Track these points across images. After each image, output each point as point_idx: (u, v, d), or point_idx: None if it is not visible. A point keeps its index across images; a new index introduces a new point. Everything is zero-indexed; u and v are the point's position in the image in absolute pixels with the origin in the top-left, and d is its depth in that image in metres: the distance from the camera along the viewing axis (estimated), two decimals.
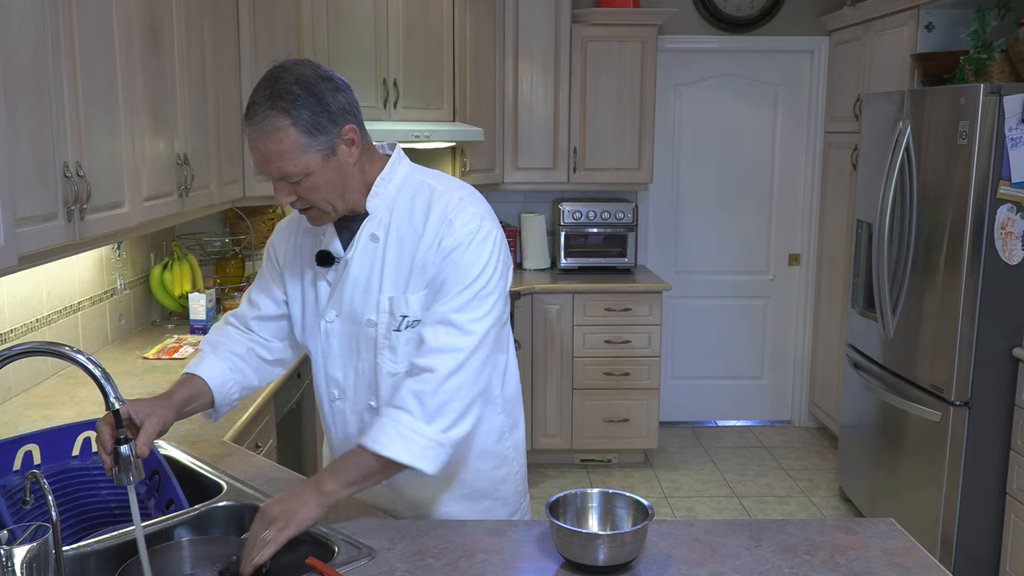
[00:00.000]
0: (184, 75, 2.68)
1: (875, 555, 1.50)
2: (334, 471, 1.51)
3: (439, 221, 1.56)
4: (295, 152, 1.46)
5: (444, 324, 1.52)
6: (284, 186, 1.51)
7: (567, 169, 4.64)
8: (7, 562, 1.15)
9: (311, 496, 1.47)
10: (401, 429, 1.48)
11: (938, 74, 3.62)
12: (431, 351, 1.52)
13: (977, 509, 3.23)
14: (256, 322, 1.77)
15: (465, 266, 1.53)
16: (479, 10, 4.29)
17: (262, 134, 1.46)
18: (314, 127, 1.47)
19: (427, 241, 1.56)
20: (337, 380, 1.69)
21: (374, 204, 1.60)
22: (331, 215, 1.57)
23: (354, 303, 1.63)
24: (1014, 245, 3.08)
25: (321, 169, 1.50)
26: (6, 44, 1.67)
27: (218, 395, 1.67)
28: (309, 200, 1.53)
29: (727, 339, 5.25)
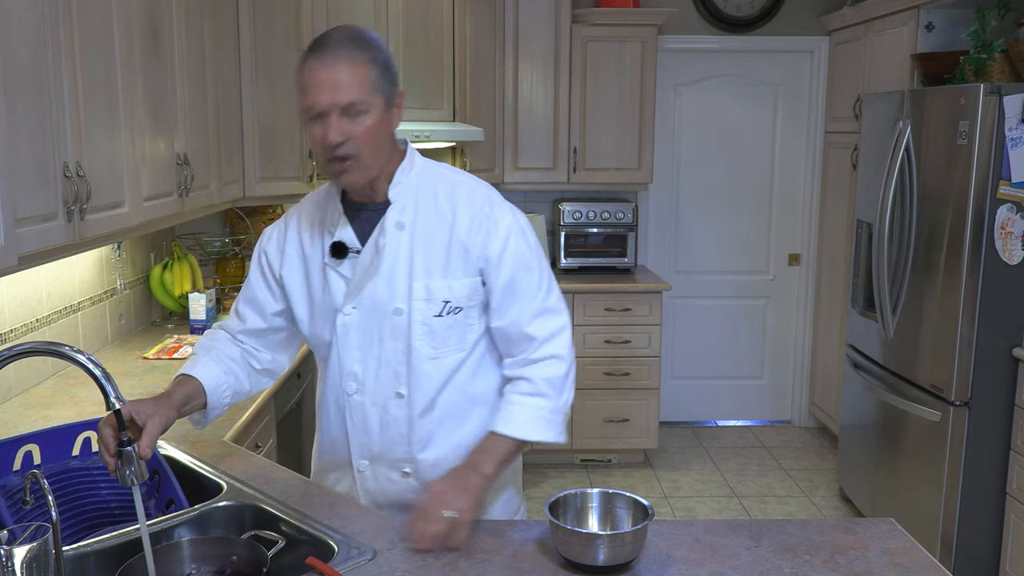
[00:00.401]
0: (184, 75, 2.68)
1: (875, 555, 1.50)
2: (488, 452, 1.61)
3: (472, 215, 1.62)
4: (367, 85, 1.50)
5: (542, 314, 1.66)
6: (339, 123, 1.49)
7: (567, 169, 4.64)
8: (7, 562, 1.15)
9: (477, 479, 1.58)
10: (544, 413, 1.63)
11: (938, 74, 3.62)
12: (546, 339, 1.65)
13: (977, 509, 3.23)
14: (242, 335, 1.76)
15: (526, 258, 1.65)
16: (479, 10, 4.29)
17: (337, 59, 1.48)
18: (386, 72, 1.54)
19: (462, 230, 1.61)
20: (355, 373, 1.68)
21: (396, 192, 1.63)
22: (363, 174, 1.56)
23: (377, 292, 1.63)
24: (1014, 245, 3.08)
25: (380, 116, 1.53)
26: (6, 44, 1.67)
27: (211, 397, 1.65)
28: (358, 143, 1.51)
29: (727, 339, 5.25)
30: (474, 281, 1.64)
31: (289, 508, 1.65)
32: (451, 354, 1.65)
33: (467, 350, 1.67)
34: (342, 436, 1.74)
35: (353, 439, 1.72)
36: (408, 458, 1.69)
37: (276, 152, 3.44)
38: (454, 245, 1.62)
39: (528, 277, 1.64)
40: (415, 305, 1.62)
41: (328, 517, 1.62)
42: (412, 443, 1.68)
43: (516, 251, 1.63)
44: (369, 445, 1.70)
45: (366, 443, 1.70)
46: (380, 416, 1.68)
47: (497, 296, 1.65)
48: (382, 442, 1.69)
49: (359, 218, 1.65)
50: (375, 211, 1.64)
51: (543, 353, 1.64)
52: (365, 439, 1.70)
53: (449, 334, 1.64)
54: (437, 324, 1.62)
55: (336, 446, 1.76)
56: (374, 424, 1.69)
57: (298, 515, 1.62)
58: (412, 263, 1.62)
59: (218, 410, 1.68)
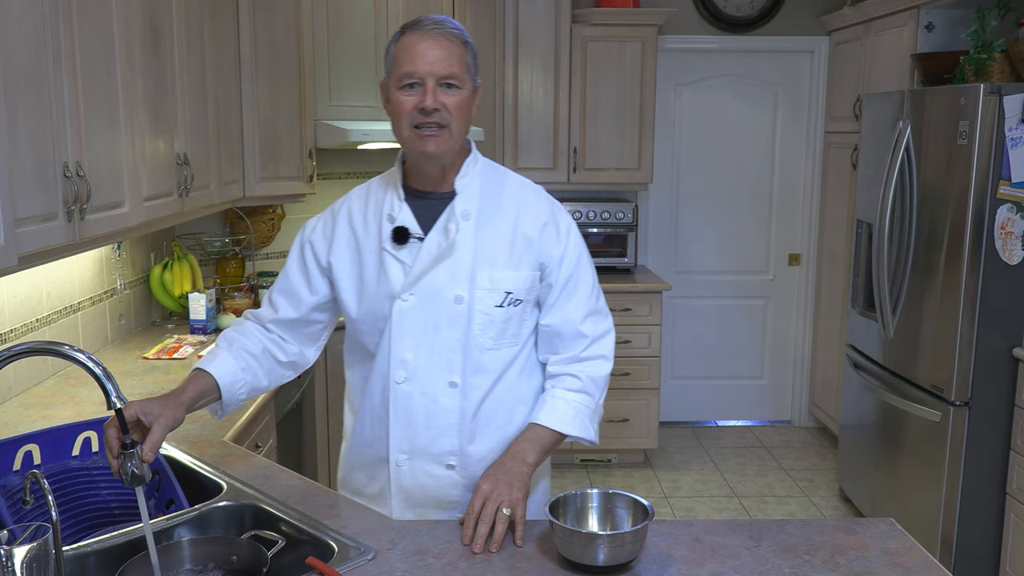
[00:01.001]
0: (184, 75, 2.68)
1: (875, 555, 1.51)
2: (532, 442, 1.65)
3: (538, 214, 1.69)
4: (463, 63, 1.60)
5: (594, 314, 1.73)
6: (439, 91, 1.57)
7: (567, 169, 4.64)
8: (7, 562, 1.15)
9: (523, 469, 1.60)
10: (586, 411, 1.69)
11: (938, 74, 3.62)
12: (596, 339, 1.72)
13: (977, 509, 3.23)
14: (273, 325, 1.77)
15: (584, 259, 1.73)
16: (479, 10, 4.29)
17: (443, 35, 1.58)
18: (475, 61, 1.64)
19: (527, 225, 1.67)
20: (406, 361, 1.66)
21: (463, 184, 1.68)
22: (451, 144, 1.62)
23: (438, 280, 1.63)
24: (1014, 245, 3.08)
25: (469, 94, 1.62)
26: (6, 44, 1.67)
27: (226, 394, 1.66)
28: (451, 114, 1.58)
29: (727, 339, 5.25)
30: (534, 275, 1.68)
31: (289, 508, 1.65)
32: (506, 347, 1.68)
33: (520, 345, 1.70)
34: (382, 429, 1.71)
35: (394, 431, 1.69)
36: (455, 450, 1.68)
37: (276, 152, 3.44)
38: (518, 239, 1.67)
39: (585, 277, 1.72)
40: (477, 294, 1.63)
41: (328, 517, 1.62)
42: (462, 434, 1.67)
43: (576, 251, 1.71)
44: (411, 438, 1.68)
45: (408, 436, 1.68)
46: (428, 407, 1.67)
47: (555, 293, 1.69)
48: (427, 434, 1.67)
49: (420, 206, 1.67)
50: (438, 200, 1.67)
51: (592, 352, 1.71)
52: (408, 431, 1.68)
53: (507, 326, 1.66)
54: (497, 314, 1.65)
55: (374, 441, 1.73)
56: (420, 415, 1.67)
57: (298, 515, 1.62)
58: (476, 252, 1.64)
59: (233, 405, 1.70)
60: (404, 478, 1.70)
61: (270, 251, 4.12)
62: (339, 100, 3.73)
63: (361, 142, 3.64)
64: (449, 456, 1.68)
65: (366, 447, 1.75)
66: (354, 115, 3.76)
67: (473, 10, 4.22)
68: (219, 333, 3.20)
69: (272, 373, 1.77)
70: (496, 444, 1.70)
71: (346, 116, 3.73)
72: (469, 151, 1.71)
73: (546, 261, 1.68)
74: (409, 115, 1.57)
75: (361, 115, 3.79)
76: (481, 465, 1.68)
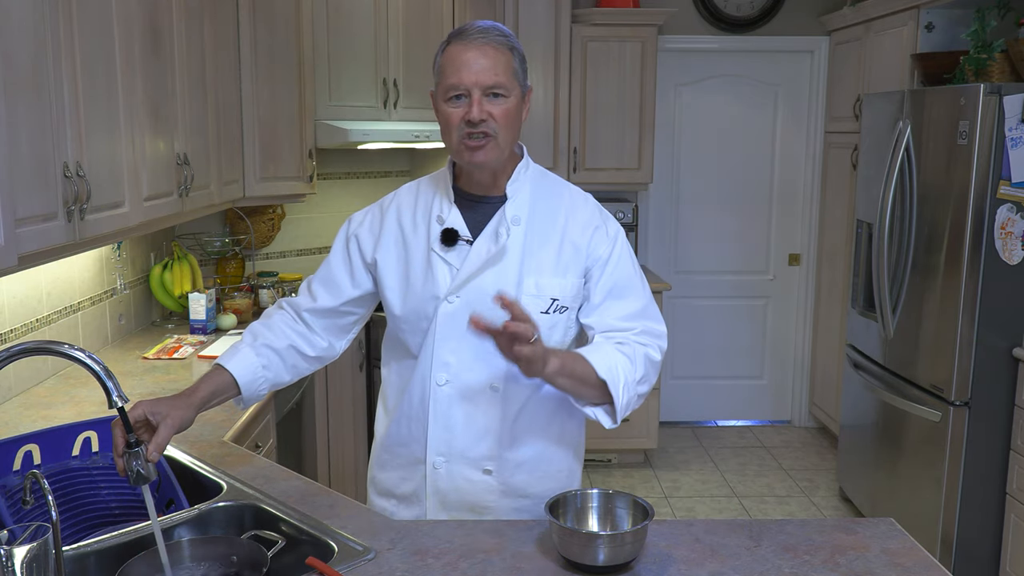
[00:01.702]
0: (184, 75, 2.68)
1: (875, 555, 1.51)
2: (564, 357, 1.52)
3: (587, 219, 1.68)
4: (509, 70, 1.59)
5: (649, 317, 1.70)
6: (486, 100, 1.57)
7: (567, 169, 4.64)
8: (7, 562, 1.15)
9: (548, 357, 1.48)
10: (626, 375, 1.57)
11: (938, 74, 3.62)
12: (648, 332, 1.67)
13: (977, 509, 3.23)
14: (309, 314, 1.75)
15: (633, 263, 1.73)
16: (479, 10, 4.29)
17: (489, 43, 1.57)
18: (523, 65, 1.63)
19: (575, 232, 1.67)
20: (448, 364, 1.65)
21: (514, 188, 1.67)
22: (499, 153, 1.61)
23: (485, 283, 1.63)
24: (1014, 245, 3.08)
25: (517, 102, 1.61)
26: (6, 44, 1.67)
27: (246, 392, 1.66)
28: (497, 124, 1.58)
29: (727, 339, 5.25)
30: (580, 282, 1.67)
31: (289, 508, 1.65)
32: None
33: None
34: (420, 430, 1.69)
35: (432, 434, 1.67)
36: (493, 455, 1.67)
37: (276, 152, 3.44)
38: (566, 245, 1.66)
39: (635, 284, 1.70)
40: (524, 300, 1.61)
41: (328, 517, 1.62)
42: (501, 440, 1.66)
43: (623, 256, 1.70)
44: (450, 440, 1.67)
45: (446, 438, 1.67)
46: (468, 410, 1.66)
47: (600, 295, 1.67)
48: (465, 437, 1.66)
49: (471, 209, 1.67)
50: (489, 204, 1.67)
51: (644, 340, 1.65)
52: (446, 434, 1.67)
53: (551, 333, 1.65)
54: (542, 321, 1.61)
55: (410, 441, 1.71)
56: (459, 418, 1.66)
57: (298, 515, 1.62)
58: (524, 258, 1.64)
59: (255, 399, 1.71)
60: (440, 480, 1.69)
61: (270, 251, 4.12)
62: (339, 100, 3.73)
63: (361, 142, 3.64)
64: (487, 461, 1.67)
65: (401, 447, 1.73)
66: (354, 115, 3.76)
67: (473, 10, 4.22)
68: (219, 333, 3.22)
69: (296, 368, 1.76)
70: (534, 452, 1.69)
71: (346, 116, 3.72)
72: (521, 156, 1.71)
73: (591, 265, 1.67)
74: (457, 127, 1.58)
75: (361, 115, 3.79)
76: (519, 472, 1.67)
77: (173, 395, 1.55)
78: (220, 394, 1.63)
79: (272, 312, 1.79)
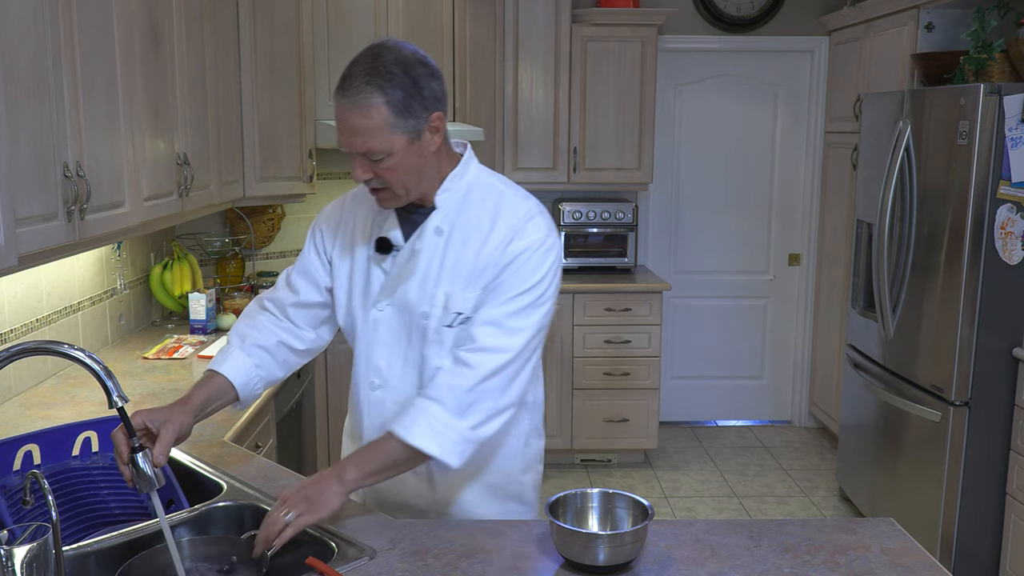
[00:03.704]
0: (184, 75, 2.68)
1: (875, 555, 1.51)
2: (358, 461, 1.53)
3: (507, 227, 1.59)
4: (383, 130, 1.48)
5: (493, 325, 1.57)
6: (364, 163, 1.52)
7: (567, 169, 4.64)
8: (7, 562, 1.15)
9: (333, 485, 1.50)
10: (432, 422, 1.52)
11: (938, 74, 3.62)
12: (476, 349, 1.56)
13: (977, 509, 3.23)
14: (294, 309, 1.76)
15: (525, 273, 1.58)
16: (479, 10, 4.29)
17: (354, 107, 1.48)
18: (405, 109, 1.49)
19: (492, 244, 1.59)
20: (380, 369, 1.68)
21: (443, 199, 1.63)
22: (402, 199, 1.58)
23: (409, 293, 1.63)
24: (1014, 245, 3.08)
25: (404, 151, 1.52)
26: (6, 44, 1.67)
27: (242, 392, 1.67)
28: (386, 180, 1.54)
29: (727, 339, 5.25)
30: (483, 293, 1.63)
31: None
32: None
33: None
34: (359, 430, 1.74)
35: (368, 436, 1.71)
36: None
37: (276, 152, 3.44)
38: (481, 259, 1.60)
39: (511, 287, 1.57)
40: (435, 312, 1.62)
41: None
42: None
43: (522, 263, 1.57)
44: None
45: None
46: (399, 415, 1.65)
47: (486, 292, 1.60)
48: None
49: (408, 220, 1.66)
50: (423, 214, 1.65)
51: (467, 358, 1.55)
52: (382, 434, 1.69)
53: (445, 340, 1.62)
54: (446, 334, 1.61)
55: (356, 438, 1.76)
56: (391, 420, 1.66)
57: None
58: (441, 270, 1.62)
59: (253, 399, 1.72)
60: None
61: (270, 251, 4.12)
62: None
63: None
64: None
65: (352, 440, 1.79)
66: None
67: (473, 10, 4.22)
68: (219, 333, 3.22)
69: (288, 363, 1.77)
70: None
71: None
72: (460, 158, 1.66)
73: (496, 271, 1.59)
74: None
75: None
76: (447, 476, 1.67)
77: (169, 404, 1.55)
78: (216, 399, 1.63)
79: (255, 311, 1.79)
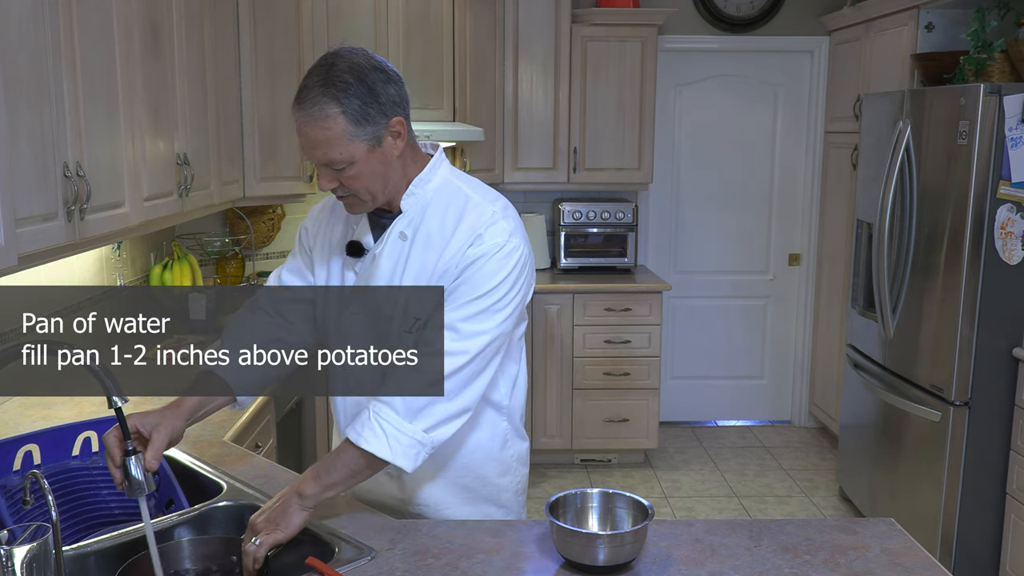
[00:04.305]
0: (184, 75, 2.68)
1: (875, 555, 1.51)
2: (316, 473, 1.54)
3: (469, 231, 1.58)
4: (342, 140, 1.49)
5: (449, 329, 1.54)
6: (327, 172, 1.53)
7: (567, 169, 4.64)
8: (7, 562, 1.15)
9: (292, 502, 1.51)
10: (384, 426, 1.51)
11: (938, 74, 3.62)
12: (430, 352, 1.53)
13: (977, 509, 3.23)
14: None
15: (483, 277, 1.56)
16: (479, 10, 4.29)
17: (311, 120, 1.48)
18: (363, 117, 1.49)
19: (453, 249, 1.58)
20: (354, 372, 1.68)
21: (408, 203, 1.63)
22: (369, 204, 1.59)
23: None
24: (1014, 245, 3.08)
25: (366, 159, 1.52)
26: (6, 44, 1.67)
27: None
28: (350, 188, 1.55)
29: (727, 339, 5.25)
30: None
31: None
32: None
33: None
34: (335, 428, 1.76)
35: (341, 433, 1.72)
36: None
37: (276, 152, 3.44)
38: (441, 264, 1.59)
39: (469, 290, 1.56)
40: (396, 315, 1.61)
41: (328, 517, 1.62)
42: None
43: (481, 267, 1.56)
44: None
45: None
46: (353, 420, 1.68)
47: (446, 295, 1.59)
48: None
49: (378, 224, 1.67)
50: (391, 218, 1.66)
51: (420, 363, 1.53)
52: None
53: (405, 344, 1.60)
54: (407, 339, 1.59)
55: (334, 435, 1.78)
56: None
57: None
58: (403, 275, 1.63)
59: (250, 399, 1.71)
60: None
61: (270, 251, 4.12)
62: None
63: None
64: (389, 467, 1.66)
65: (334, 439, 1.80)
66: None
67: (473, 10, 4.22)
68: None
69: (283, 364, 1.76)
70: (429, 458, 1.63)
71: None
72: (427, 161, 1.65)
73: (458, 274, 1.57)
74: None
75: None
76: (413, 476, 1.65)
77: (161, 408, 1.55)
78: (210, 401, 1.63)
79: (247, 311, 1.78)
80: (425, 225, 1.62)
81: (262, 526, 1.49)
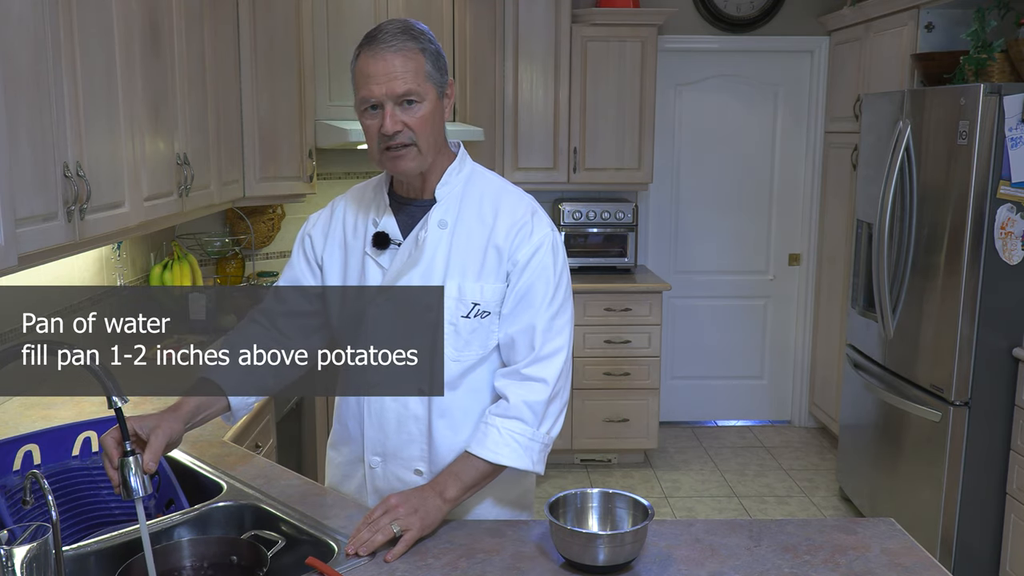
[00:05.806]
0: (184, 75, 2.68)
1: (875, 555, 1.51)
2: (455, 476, 1.59)
3: (512, 220, 1.64)
4: (420, 74, 1.55)
5: (545, 331, 1.63)
6: (395, 112, 1.55)
7: (567, 169, 4.64)
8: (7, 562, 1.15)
9: (437, 502, 1.55)
10: (519, 439, 1.59)
11: (938, 74, 3.62)
12: (538, 359, 1.61)
13: (977, 509, 3.23)
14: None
15: (550, 272, 1.64)
16: (479, 10, 4.29)
17: (395, 50, 1.54)
18: (437, 64, 1.59)
19: (500, 236, 1.63)
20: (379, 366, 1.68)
21: (443, 192, 1.66)
22: (421, 160, 1.60)
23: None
24: (1014, 245, 3.08)
25: (434, 104, 1.58)
26: (6, 44, 1.67)
27: (235, 401, 1.66)
28: (415, 132, 1.57)
29: (727, 339, 5.25)
30: (504, 287, 1.65)
31: (289, 508, 1.65)
32: (472, 356, 1.66)
33: (486, 355, 1.67)
34: (358, 431, 1.73)
35: (368, 435, 1.71)
36: (423, 456, 1.68)
37: (276, 152, 3.44)
38: (490, 250, 1.64)
39: (544, 289, 1.64)
40: (446, 304, 1.63)
41: (328, 517, 1.62)
42: (430, 441, 1.68)
43: (542, 261, 1.64)
44: (383, 441, 1.69)
45: (380, 439, 1.70)
46: (399, 412, 1.68)
47: (511, 301, 1.64)
48: (397, 439, 1.69)
49: (404, 212, 1.68)
50: (420, 207, 1.67)
51: (532, 372, 1.62)
52: (380, 435, 1.69)
53: (473, 337, 1.64)
54: (463, 325, 1.63)
55: (351, 440, 1.75)
56: (391, 420, 1.68)
57: (298, 515, 1.62)
58: (448, 262, 1.64)
59: (245, 410, 1.70)
60: (378, 480, 1.72)
61: (270, 251, 4.12)
62: (339, 100, 3.73)
63: (361, 142, 3.64)
64: (418, 462, 1.69)
65: (344, 445, 1.78)
66: (354, 115, 3.76)
67: (473, 10, 4.22)
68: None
69: (279, 374, 1.74)
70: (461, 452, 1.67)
71: (346, 116, 3.73)
72: (455, 156, 1.69)
73: (511, 268, 1.64)
74: (376, 138, 1.58)
75: None
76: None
77: (159, 411, 1.54)
78: (207, 407, 1.62)
79: (245, 323, 1.78)
80: (464, 214, 1.66)
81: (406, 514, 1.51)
